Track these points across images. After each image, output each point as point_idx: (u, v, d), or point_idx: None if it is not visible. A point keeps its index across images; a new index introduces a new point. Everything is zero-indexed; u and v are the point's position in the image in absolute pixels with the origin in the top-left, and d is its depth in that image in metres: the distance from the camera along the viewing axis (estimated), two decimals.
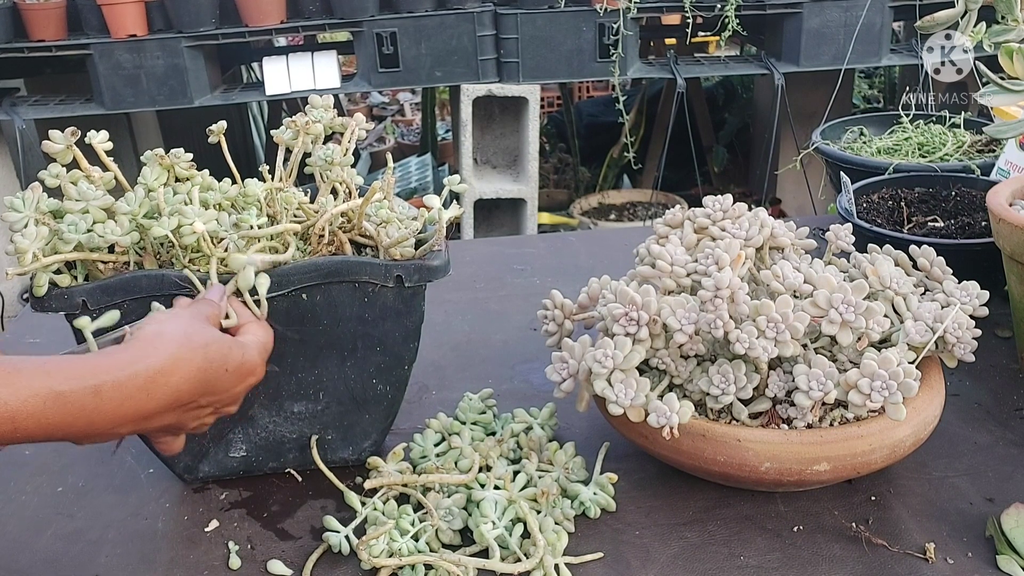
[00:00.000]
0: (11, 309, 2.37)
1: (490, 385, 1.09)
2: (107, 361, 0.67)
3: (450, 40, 3.07)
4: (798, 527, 0.88)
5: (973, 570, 0.81)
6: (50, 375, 0.63)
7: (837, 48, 3.06)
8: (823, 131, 1.74)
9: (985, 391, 1.08)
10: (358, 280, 0.88)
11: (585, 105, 4.82)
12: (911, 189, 1.43)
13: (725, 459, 0.85)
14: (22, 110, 3.05)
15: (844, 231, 1.03)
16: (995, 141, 1.55)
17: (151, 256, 0.88)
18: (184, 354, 0.70)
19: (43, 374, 0.63)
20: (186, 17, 2.96)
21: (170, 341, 0.71)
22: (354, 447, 0.98)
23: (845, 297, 0.83)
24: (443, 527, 0.87)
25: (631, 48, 3.10)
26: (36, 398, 0.62)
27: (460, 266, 1.16)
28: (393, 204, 0.96)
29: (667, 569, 0.83)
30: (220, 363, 0.73)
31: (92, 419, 0.65)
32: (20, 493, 0.99)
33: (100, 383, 0.65)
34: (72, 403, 0.63)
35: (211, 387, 0.73)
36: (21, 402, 0.61)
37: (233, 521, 0.93)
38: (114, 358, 0.68)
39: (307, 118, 0.98)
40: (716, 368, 0.86)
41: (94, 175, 0.89)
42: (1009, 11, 1.08)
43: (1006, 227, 1.02)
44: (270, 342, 0.82)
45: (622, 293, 0.85)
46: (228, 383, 0.75)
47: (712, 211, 0.98)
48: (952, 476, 0.94)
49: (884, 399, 0.81)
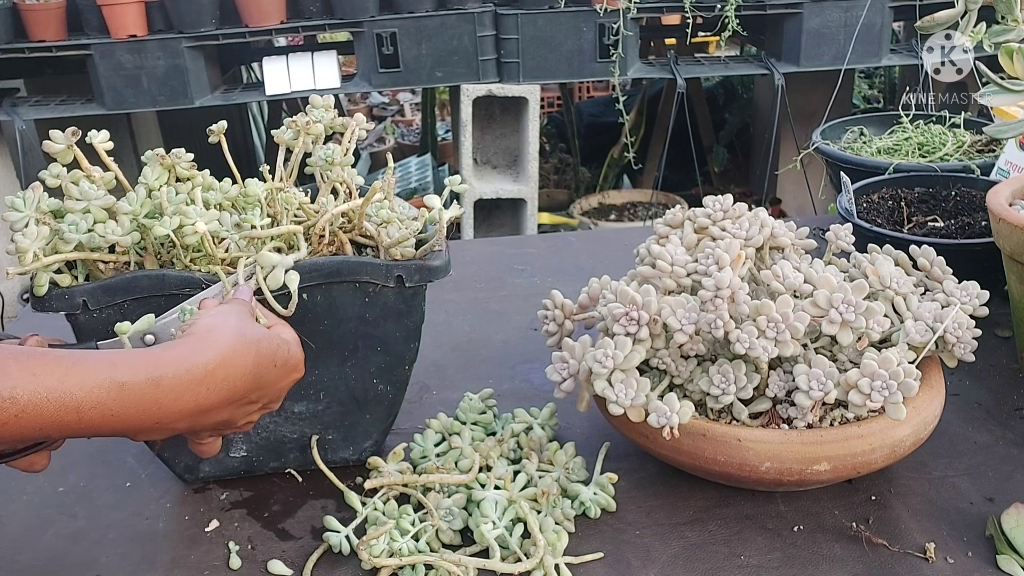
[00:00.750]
0: (11, 309, 2.37)
1: (490, 385, 1.09)
2: (167, 354, 0.68)
3: (450, 40, 3.07)
4: (798, 527, 0.88)
5: (973, 570, 0.81)
6: (114, 366, 0.64)
7: (837, 48, 3.06)
8: (823, 131, 1.74)
9: (985, 391, 1.09)
10: (359, 280, 0.88)
11: (585, 105, 4.82)
12: (911, 189, 1.43)
13: (725, 459, 0.85)
14: (22, 110, 3.06)
15: (844, 231, 1.03)
16: (995, 141, 1.56)
17: (152, 256, 0.88)
18: (240, 348, 0.71)
19: (107, 365, 0.64)
20: (186, 17, 2.96)
21: (226, 336, 0.71)
22: (355, 447, 0.99)
23: (845, 297, 0.83)
24: (443, 527, 0.87)
25: (631, 48, 3.10)
26: (100, 388, 0.62)
27: (460, 266, 1.16)
28: (393, 204, 0.96)
29: (667, 569, 0.84)
30: (270, 358, 0.74)
31: (152, 411, 0.65)
32: (22, 493, 0.99)
33: (160, 375, 0.65)
34: (134, 394, 0.64)
35: (262, 382, 0.74)
36: (86, 393, 0.61)
37: (234, 521, 0.93)
38: (173, 352, 0.69)
39: (308, 118, 0.98)
40: (716, 368, 0.86)
41: (95, 175, 0.89)
42: (1009, 11, 1.08)
43: (1006, 227, 1.02)
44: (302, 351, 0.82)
45: (622, 293, 0.85)
46: (276, 378, 0.76)
47: (712, 211, 0.98)
48: (952, 476, 0.94)
49: (884, 399, 0.81)
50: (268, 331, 0.76)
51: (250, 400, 0.74)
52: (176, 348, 0.69)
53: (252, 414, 0.77)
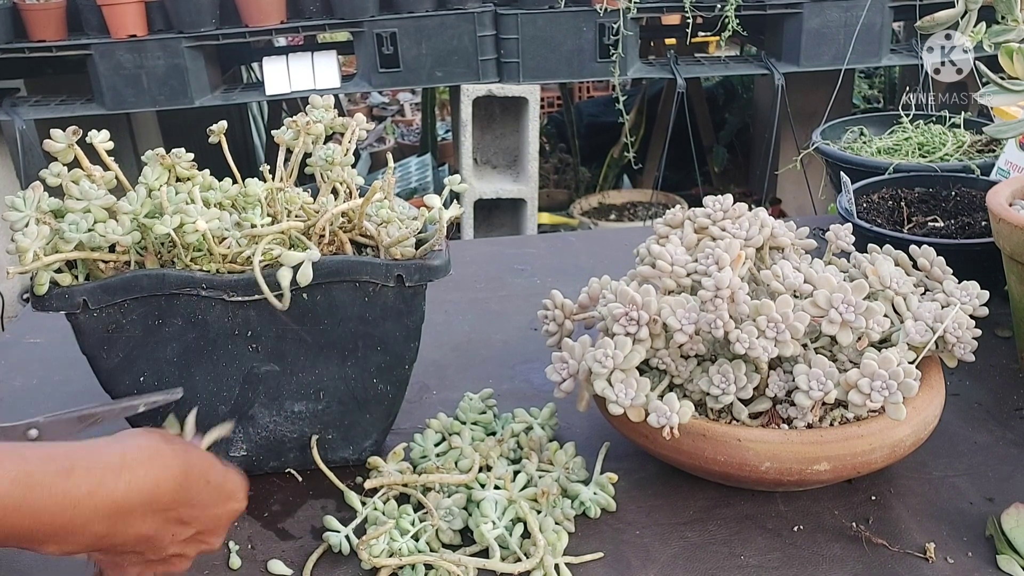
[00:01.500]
0: (11, 309, 2.37)
1: (490, 385, 1.09)
2: (82, 445, 0.63)
3: (450, 40, 3.07)
4: (798, 527, 0.88)
5: (973, 570, 0.81)
6: (24, 458, 0.59)
7: (837, 48, 3.06)
8: (823, 131, 1.74)
9: (985, 391, 1.09)
10: (359, 280, 0.88)
11: (585, 105, 4.82)
12: (911, 189, 1.43)
13: (725, 459, 0.85)
14: (22, 110, 3.05)
15: (844, 231, 1.03)
16: (995, 141, 1.56)
17: (152, 255, 0.88)
18: (164, 449, 0.65)
19: (16, 456, 0.59)
20: (186, 17, 2.96)
21: (149, 434, 0.67)
22: (355, 447, 0.99)
23: (845, 297, 0.83)
24: (443, 527, 0.87)
25: (631, 48, 3.10)
26: (4, 479, 0.57)
27: (460, 266, 1.16)
28: (393, 204, 0.96)
29: (667, 569, 0.84)
30: (201, 472, 0.68)
31: (62, 505, 0.59)
32: None
33: (72, 465, 0.60)
34: (41, 485, 0.58)
35: (192, 497, 0.67)
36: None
37: (233, 521, 0.93)
38: (90, 442, 0.64)
39: (308, 118, 0.98)
40: (716, 368, 0.86)
41: (95, 174, 0.90)
42: (1009, 11, 1.08)
43: (1006, 227, 1.02)
44: (246, 486, 0.76)
45: (622, 293, 0.85)
46: (209, 499, 0.69)
47: (712, 211, 0.98)
48: (952, 476, 0.94)
49: (884, 399, 0.81)
50: (200, 449, 0.72)
51: (180, 519, 0.67)
52: (93, 440, 0.65)
53: (185, 541, 0.69)
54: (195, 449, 0.71)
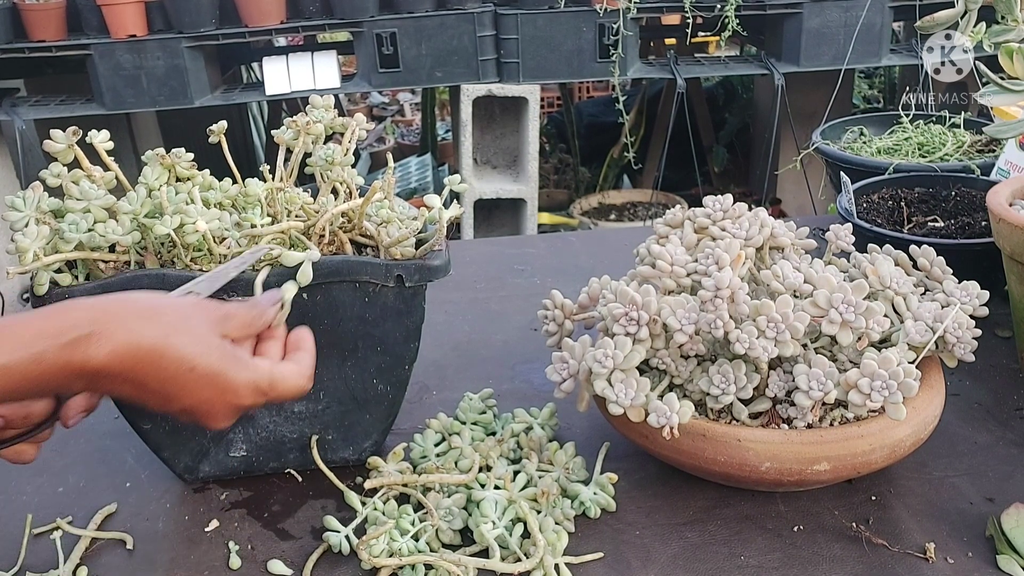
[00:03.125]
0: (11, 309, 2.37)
1: (490, 385, 1.09)
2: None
3: (450, 40, 3.07)
4: (798, 527, 0.88)
5: (973, 570, 0.81)
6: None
7: (837, 48, 3.06)
8: (823, 131, 1.74)
9: (985, 391, 1.09)
10: (359, 280, 0.88)
11: (585, 105, 4.82)
12: (911, 189, 1.43)
13: (725, 459, 0.85)
14: (22, 110, 3.05)
15: (844, 231, 1.03)
16: (995, 141, 1.56)
17: (152, 255, 0.88)
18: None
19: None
20: (186, 17, 2.96)
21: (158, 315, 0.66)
22: (355, 447, 0.99)
23: (845, 297, 0.83)
24: (443, 527, 0.87)
25: (631, 48, 3.10)
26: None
27: (460, 266, 1.16)
28: (393, 204, 0.96)
29: (667, 569, 0.84)
30: (183, 358, 0.65)
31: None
32: (21, 493, 0.99)
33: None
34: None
35: (166, 376, 0.65)
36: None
37: (233, 521, 0.93)
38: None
39: (308, 118, 0.98)
40: (716, 368, 0.86)
41: (95, 174, 0.90)
42: (1009, 11, 1.08)
43: (1006, 227, 1.02)
44: (299, 388, 0.73)
45: (622, 293, 0.85)
46: (194, 385, 0.67)
47: (712, 211, 0.98)
48: (952, 476, 0.94)
49: (884, 399, 0.81)
50: (226, 343, 0.68)
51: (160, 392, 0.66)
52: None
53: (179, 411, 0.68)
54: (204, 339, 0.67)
